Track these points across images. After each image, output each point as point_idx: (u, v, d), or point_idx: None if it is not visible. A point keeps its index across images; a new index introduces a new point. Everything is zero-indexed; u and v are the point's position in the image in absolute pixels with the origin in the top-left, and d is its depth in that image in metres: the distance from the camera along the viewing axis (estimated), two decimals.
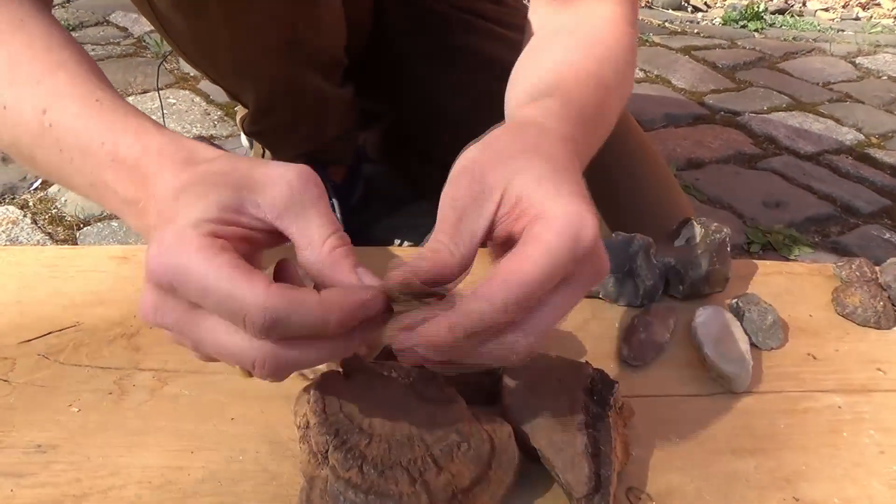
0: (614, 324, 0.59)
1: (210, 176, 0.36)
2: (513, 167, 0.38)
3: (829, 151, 1.46)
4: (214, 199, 0.34)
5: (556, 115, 0.45)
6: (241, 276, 0.32)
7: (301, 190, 0.35)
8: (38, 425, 0.45)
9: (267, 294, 0.31)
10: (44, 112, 0.42)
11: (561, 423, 0.44)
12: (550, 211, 0.35)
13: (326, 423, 0.41)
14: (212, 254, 0.32)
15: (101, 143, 0.40)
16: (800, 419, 0.52)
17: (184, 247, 0.32)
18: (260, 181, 0.35)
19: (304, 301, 0.32)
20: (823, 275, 0.68)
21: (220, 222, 0.34)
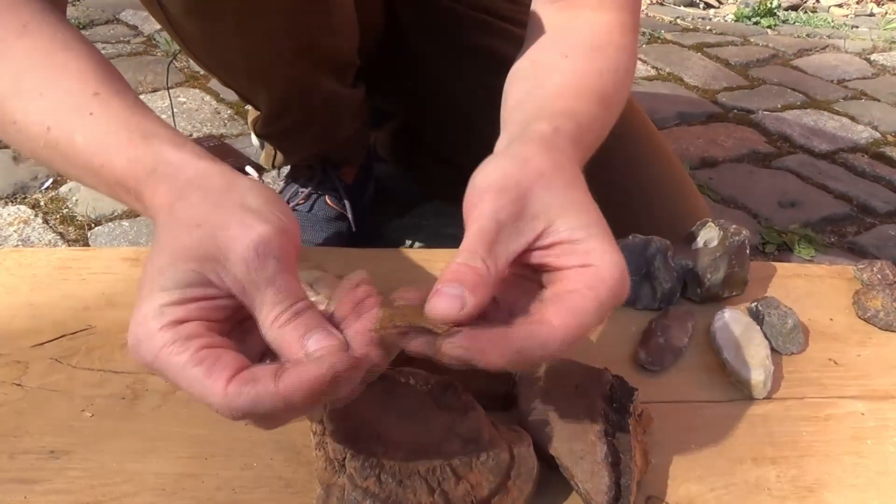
0: (631, 327, 0.58)
1: (176, 239, 0.36)
2: (557, 201, 0.40)
3: (844, 150, 1.44)
4: (173, 280, 0.35)
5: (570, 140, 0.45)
6: (203, 375, 0.33)
7: (258, 269, 0.35)
8: (52, 431, 0.45)
9: (226, 396, 0.33)
10: (48, 129, 0.42)
11: (579, 431, 0.43)
12: (603, 265, 0.38)
13: (344, 431, 0.40)
14: (176, 351, 0.34)
15: (100, 164, 0.41)
16: (822, 426, 0.51)
17: (152, 344, 0.34)
18: (222, 249, 0.36)
19: (264, 395, 0.33)
20: (843, 277, 0.67)
21: (184, 302, 0.35)
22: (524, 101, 0.54)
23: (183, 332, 0.34)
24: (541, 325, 0.36)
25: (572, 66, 0.55)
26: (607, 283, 0.37)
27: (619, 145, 0.60)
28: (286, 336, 0.35)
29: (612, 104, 0.55)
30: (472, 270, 0.37)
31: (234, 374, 0.33)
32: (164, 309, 0.34)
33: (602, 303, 0.37)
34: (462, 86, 0.89)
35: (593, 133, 0.51)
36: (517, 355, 0.35)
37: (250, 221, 0.36)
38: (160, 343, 0.34)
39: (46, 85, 0.43)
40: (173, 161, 0.39)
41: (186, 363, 0.33)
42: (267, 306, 0.36)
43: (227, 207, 0.37)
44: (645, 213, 0.77)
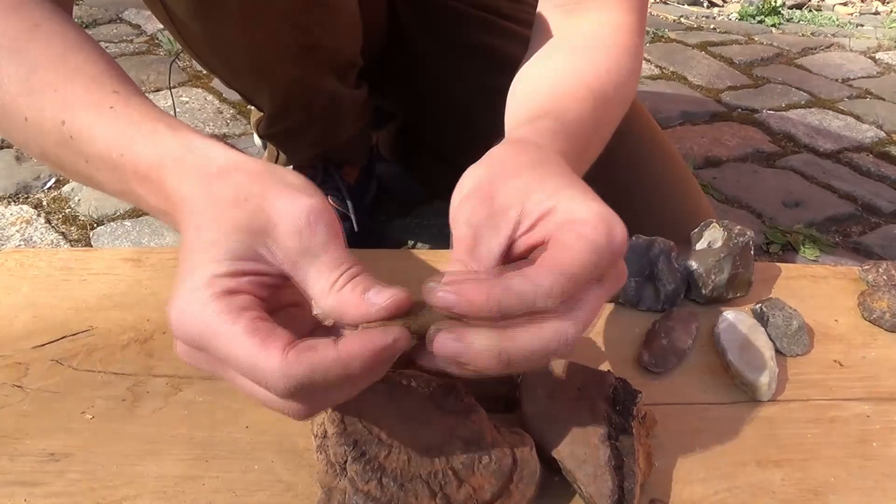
0: (634, 329, 0.58)
1: (225, 212, 0.35)
2: (524, 183, 0.38)
3: (849, 149, 1.43)
4: (229, 250, 0.34)
5: (548, 133, 0.45)
6: (259, 343, 0.32)
7: (310, 236, 0.35)
8: (52, 433, 0.45)
9: (285, 363, 0.31)
10: (63, 123, 0.41)
11: (582, 434, 0.43)
12: (580, 213, 0.36)
13: (345, 434, 0.40)
14: (229, 320, 0.32)
15: (119, 154, 0.40)
16: (827, 429, 0.50)
17: (202, 313, 0.33)
18: (272, 221, 0.35)
19: (324, 361, 0.32)
20: (849, 278, 0.67)
21: (235, 274, 0.34)
22: (519, 106, 0.53)
23: (235, 302, 0.33)
24: (527, 266, 0.34)
25: (572, 67, 0.55)
26: (589, 223, 0.35)
27: (622, 145, 0.60)
28: (346, 297, 0.34)
29: (610, 103, 0.54)
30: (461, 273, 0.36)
31: (288, 345, 0.32)
32: (215, 280, 0.33)
33: (589, 241, 0.34)
34: (464, 85, 0.88)
35: (585, 129, 0.50)
36: (504, 291, 0.32)
37: (296, 194, 0.35)
38: (212, 311, 0.32)
39: (61, 82, 0.42)
40: (202, 150, 0.38)
41: (240, 333, 0.32)
42: (324, 274, 0.34)
43: (270, 184, 0.36)
44: (648, 212, 0.76)
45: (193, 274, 0.34)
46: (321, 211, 0.35)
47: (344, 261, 0.35)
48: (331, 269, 0.34)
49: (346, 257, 0.35)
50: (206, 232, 0.35)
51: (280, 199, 0.35)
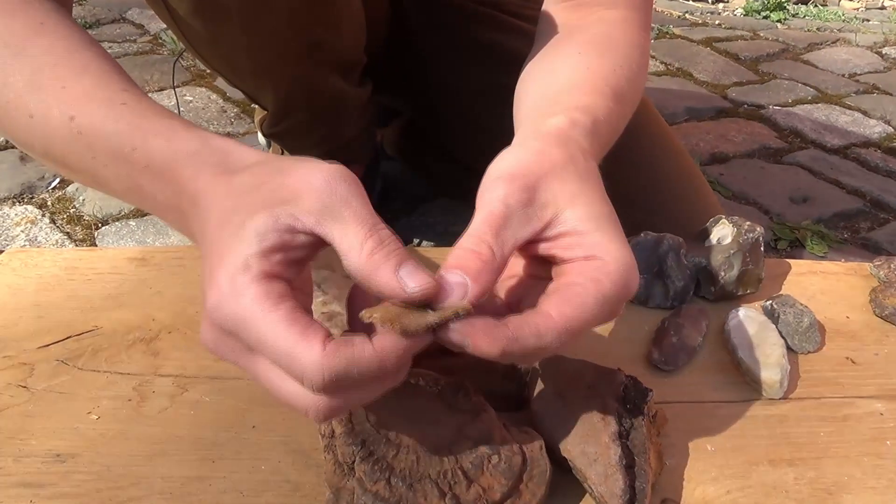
0: (643, 326, 0.57)
1: (244, 194, 0.35)
2: (567, 191, 0.39)
3: (856, 145, 1.42)
4: (253, 229, 0.34)
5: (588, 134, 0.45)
6: (298, 334, 0.32)
7: (330, 193, 0.34)
8: (58, 433, 0.45)
9: (324, 356, 0.32)
10: (71, 119, 0.41)
11: (593, 433, 0.42)
12: (608, 257, 0.37)
13: (353, 433, 0.39)
14: (269, 307, 0.32)
15: (132, 148, 0.39)
16: (840, 427, 0.50)
17: (240, 297, 0.32)
18: (292, 190, 0.35)
19: (362, 356, 0.32)
20: (860, 274, 0.66)
21: (266, 253, 0.33)
22: (538, 100, 0.53)
23: (274, 289, 0.33)
24: (536, 314, 0.35)
25: (586, 62, 0.54)
26: (611, 276, 0.36)
27: (630, 141, 0.60)
28: (379, 267, 0.34)
29: (626, 100, 0.54)
30: (477, 256, 0.36)
31: (327, 338, 0.32)
32: (250, 261, 0.33)
33: (605, 296, 0.36)
34: (469, 82, 0.88)
35: (609, 127, 0.50)
36: (511, 343, 0.33)
37: (310, 164, 0.36)
38: (252, 295, 0.32)
39: (69, 79, 0.42)
40: (218, 146, 0.38)
41: (280, 321, 0.32)
42: (350, 231, 0.34)
43: (286, 165, 0.36)
44: (657, 209, 0.76)
45: (227, 259, 0.33)
46: (339, 171, 0.35)
47: (368, 217, 0.35)
48: (356, 226, 0.34)
49: (370, 214, 0.35)
50: (233, 217, 0.35)
51: (295, 172, 0.35)
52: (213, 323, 0.34)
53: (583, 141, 0.45)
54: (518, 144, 0.43)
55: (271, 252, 0.34)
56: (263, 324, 0.32)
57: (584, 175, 0.41)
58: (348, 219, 0.34)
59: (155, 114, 0.41)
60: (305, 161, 0.36)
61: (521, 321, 0.34)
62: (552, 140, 0.43)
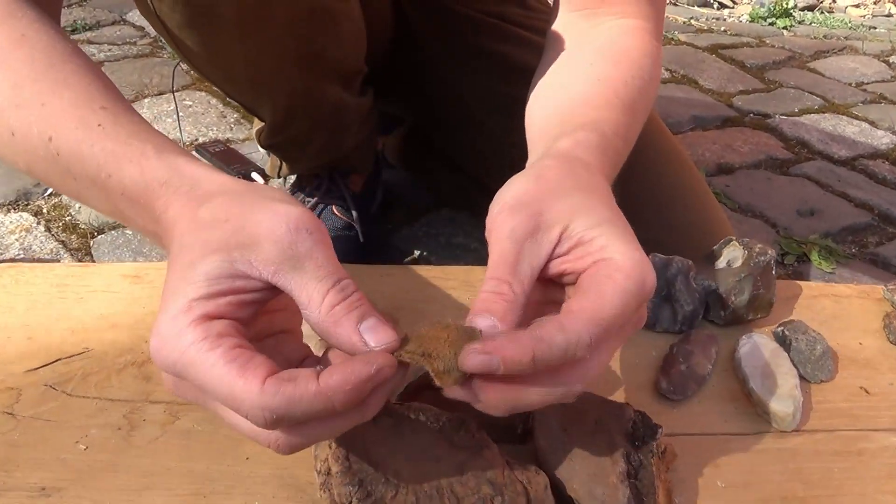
0: (650, 352, 0.56)
1: (204, 229, 0.35)
2: (571, 205, 0.38)
3: (864, 156, 1.40)
4: (204, 272, 0.33)
5: (594, 149, 0.44)
6: (236, 373, 0.31)
7: (292, 243, 0.34)
8: (44, 465, 0.43)
9: (262, 394, 0.30)
10: (50, 140, 0.40)
11: (600, 472, 0.40)
12: (618, 255, 0.36)
13: (350, 472, 0.38)
14: (206, 347, 0.31)
15: (107, 174, 0.39)
16: (854, 462, 0.48)
17: (179, 341, 0.32)
18: (252, 234, 0.34)
19: (303, 393, 0.31)
20: (872, 297, 0.64)
21: (213, 296, 0.33)
22: (550, 118, 0.52)
23: (214, 329, 0.32)
24: (556, 314, 0.34)
25: (597, 74, 0.53)
26: (624, 270, 0.35)
27: (637, 155, 0.58)
28: (339, 322, 0.33)
29: (637, 111, 0.54)
30: (500, 297, 0.36)
31: (269, 375, 0.31)
32: (192, 304, 0.32)
33: (623, 289, 0.35)
34: (474, 91, 0.86)
35: (620, 140, 0.49)
36: (538, 343, 0.32)
37: (277, 206, 0.35)
38: (189, 340, 0.31)
39: (48, 95, 0.41)
40: (188, 174, 0.38)
41: (217, 360, 0.31)
42: (312, 283, 0.33)
43: (251, 201, 0.35)
44: (664, 225, 0.74)
45: (172, 301, 0.33)
46: (303, 218, 0.34)
47: (332, 271, 0.34)
48: (318, 279, 0.34)
49: (333, 266, 0.34)
50: (185, 256, 0.34)
51: (260, 213, 0.35)
52: (162, 369, 0.33)
53: (586, 156, 0.44)
54: (520, 173, 0.43)
55: (219, 296, 0.33)
56: (202, 366, 0.31)
57: (584, 186, 0.41)
58: (309, 271, 0.34)
59: (130, 135, 0.40)
60: (272, 202, 0.35)
61: (539, 322, 0.33)
62: (553, 163, 0.42)
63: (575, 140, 0.45)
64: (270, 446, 0.33)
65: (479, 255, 0.98)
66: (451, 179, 0.98)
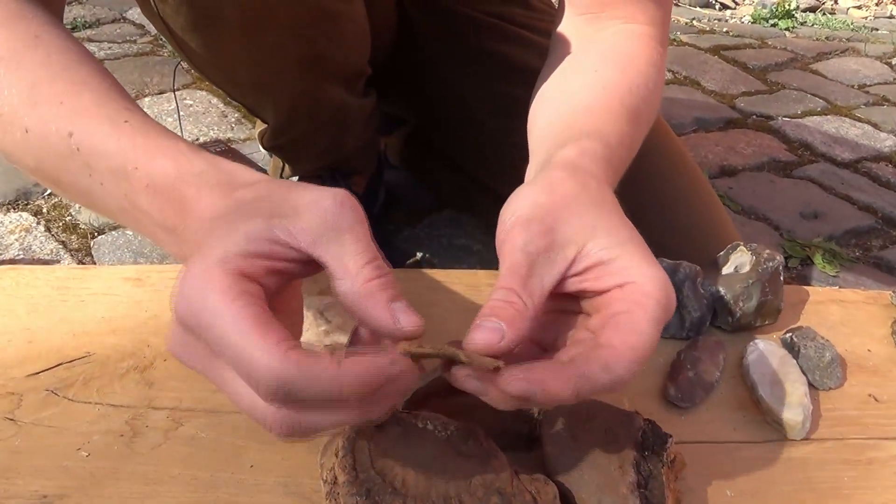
0: (658, 358, 0.55)
1: (244, 204, 0.35)
2: (586, 223, 0.38)
3: (867, 158, 1.40)
4: (243, 231, 0.33)
5: (599, 160, 0.44)
6: (256, 331, 0.30)
7: (336, 215, 0.33)
8: (45, 472, 0.42)
9: (280, 359, 0.29)
10: (70, 135, 0.40)
11: (610, 482, 0.40)
12: (643, 279, 0.36)
13: (357, 482, 0.37)
14: (231, 298, 0.30)
15: (134, 167, 0.38)
16: (864, 471, 0.48)
17: (207, 287, 0.30)
18: (294, 206, 0.34)
19: (320, 371, 0.29)
20: (880, 303, 0.64)
21: (249, 255, 0.32)
22: (553, 123, 0.51)
23: (244, 286, 0.31)
24: (601, 347, 0.34)
25: (602, 81, 0.52)
26: (653, 296, 0.36)
27: (642, 160, 0.58)
28: (373, 296, 0.32)
29: (642, 120, 0.53)
30: (510, 305, 0.35)
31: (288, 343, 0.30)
32: (230, 257, 0.31)
33: (655, 318, 0.35)
34: (476, 93, 0.86)
35: (623, 149, 0.49)
36: (581, 381, 0.33)
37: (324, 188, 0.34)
38: (218, 288, 0.30)
39: (68, 94, 0.41)
40: (225, 168, 0.37)
41: (242, 316, 0.29)
42: (349, 255, 0.33)
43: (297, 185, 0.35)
44: (669, 228, 0.73)
45: (207, 251, 0.32)
46: (348, 196, 0.34)
47: (370, 247, 0.34)
48: (357, 252, 0.33)
49: (372, 244, 0.34)
50: (226, 220, 0.34)
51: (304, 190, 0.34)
52: (177, 319, 0.31)
53: (593, 167, 0.43)
54: (529, 183, 0.42)
55: (255, 257, 0.32)
56: (224, 317, 0.30)
57: (598, 203, 0.40)
58: (348, 244, 0.33)
59: (159, 134, 0.40)
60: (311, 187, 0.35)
61: (585, 357, 0.34)
62: (562, 173, 0.42)
63: (580, 149, 0.44)
64: (267, 424, 0.31)
65: (481, 256, 0.98)
66: (453, 180, 0.97)
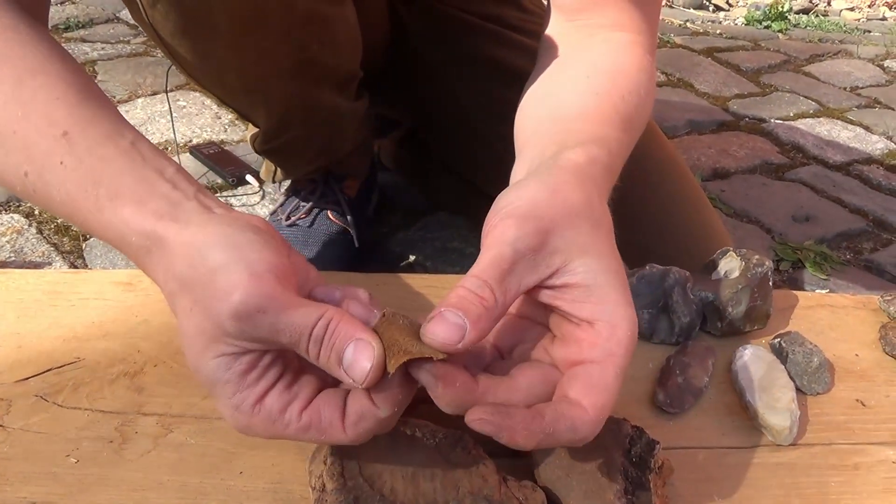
0: (647, 363, 0.55)
1: (187, 327, 0.36)
2: (578, 239, 0.38)
3: (858, 161, 1.41)
4: (215, 373, 0.36)
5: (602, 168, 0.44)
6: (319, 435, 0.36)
7: (253, 330, 0.34)
8: (34, 479, 0.42)
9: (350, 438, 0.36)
10: (26, 175, 0.40)
11: (597, 489, 0.40)
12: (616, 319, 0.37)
13: (345, 489, 0.37)
14: (281, 429, 0.36)
15: (80, 222, 0.39)
16: (851, 476, 0.48)
17: (256, 430, 0.36)
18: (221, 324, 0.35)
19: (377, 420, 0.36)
20: (868, 308, 0.64)
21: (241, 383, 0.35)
22: (545, 124, 0.51)
23: (274, 409, 0.35)
24: (570, 406, 0.35)
25: (595, 87, 0.52)
26: (624, 345, 0.36)
27: (634, 164, 0.58)
28: (330, 368, 0.35)
29: (634, 128, 0.53)
30: (479, 300, 0.35)
31: (342, 420, 0.35)
32: (233, 400, 0.35)
33: (623, 368, 0.36)
34: (470, 96, 0.86)
35: (619, 159, 0.49)
36: (546, 438, 0.34)
37: (220, 289, 0.34)
38: (262, 429, 0.36)
39: (18, 120, 0.40)
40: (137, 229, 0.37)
41: (298, 433, 0.36)
42: (294, 346, 0.35)
43: (201, 281, 0.35)
44: (660, 232, 0.74)
45: (218, 402, 0.36)
46: (246, 301, 0.34)
47: (299, 331, 0.35)
48: (294, 344, 0.35)
49: (298, 327, 0.35)
50: (189, 355, 0.37)
51: (213, 304, 0.35)
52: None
53: (599, 178, 0.43)
54: (533, 177, 0.41)
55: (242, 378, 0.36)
56: (288, 437, 0.36)
57: (597, 224, 0.40)
58: (283, 341, 0.35)
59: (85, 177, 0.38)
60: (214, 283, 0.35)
61: (556, 415, 0.35)
62: (570, 178, 0.41)
63: (588, 156, 0.43)
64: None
65: (474, 259, 0.98)
66: (447, 183, 0.98)
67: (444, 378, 0.34)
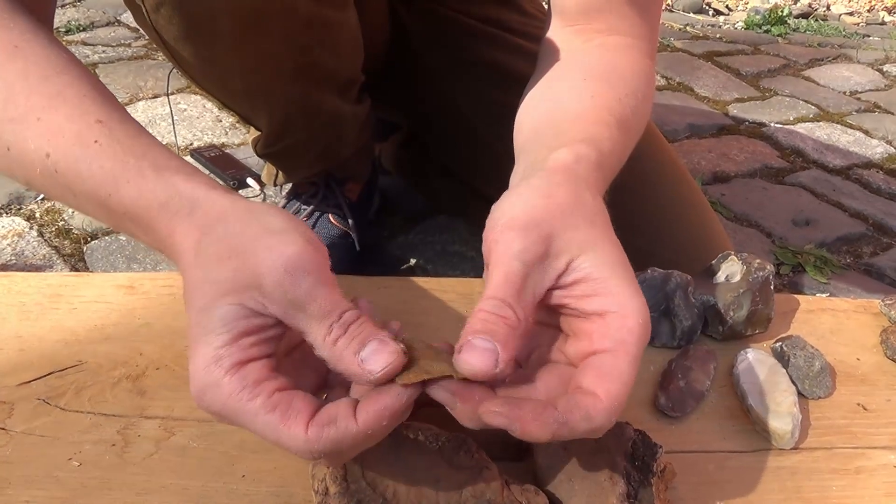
0: (648, 366, 0.55)
1: (210, 275, 0.35)
2: (580, 236, 0.38)
3: (858, 165, 1.41)
4: (219, 318, 0.34)
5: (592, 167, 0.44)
6: (279, 422, 0.33)
7: (292, 286, 0.34)
8: (36, 482, 0.42)
9: (308, 441, 0.33)
10: (47, 156, 0.40)
11: (600, 493, 0.40)
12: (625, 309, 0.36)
13: (347, 493, 0.37)
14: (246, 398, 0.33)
15: (107, 194, 0.39)
16: (852, 480, 0.48)
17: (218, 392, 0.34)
18: (256, 275, 0.35)
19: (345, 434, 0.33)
20: (869, 312, 0.64)
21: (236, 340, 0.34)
22: (541, 127, 0.51)
23: (250, 377, 0.34)
24: (584, 395, 0.34)
25: (591, 90, 0.53)
26: (636, 332, 0.36)
27: (634, 167, 0.58)
28: (342, 356, 0.34)
29: (631, 130, 0.53)
30: (503, 321, 0.35)
31: (310, 417, 0.33)
32: (220, 351, 0.34)
33: (637, 358, 0.36)
34: (470, 100, 0.86)
35: (614, 159, 0.49)
36: (561, 428, 0.33)
37: (275, 244, 0.35)
38: (228, 391, 0.33)
39: (44, 109, 0.41)
40: (186, 194, 0.38)
41: (259, 410, 0.33)
42: (314, 323, 0.35)
43: (251, 235, 0.36)
44: (660, 236, 0.74)
45: (200, 350, 0.34)
46: (299, 258, 0.35)
47: (332, 309, 0.35)
48: (320, 319, 0.35)
49: (333, 304, 0.35)
50: (198, 299, 0.35)
51: (261, 252, 0.35)
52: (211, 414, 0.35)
53: (588, 176, 0.43)
54: (524, 185, 0.42)
55: (241, 337, 0.34)
56: (245, 416, 0.33)
57: (593, 218, 0.40)
58: (311, 311, 0.35)
59: (126, 152, 0.39)
60: (269, 237, 0.35)
61: (569, 404, 0.34)
62: (558, 178, 0.41)
63: (576, 155, 0.44)
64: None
65: (475, 263, 0.98)
66: (447, 186, 0.98)
67: (461, 395, 0.35)
